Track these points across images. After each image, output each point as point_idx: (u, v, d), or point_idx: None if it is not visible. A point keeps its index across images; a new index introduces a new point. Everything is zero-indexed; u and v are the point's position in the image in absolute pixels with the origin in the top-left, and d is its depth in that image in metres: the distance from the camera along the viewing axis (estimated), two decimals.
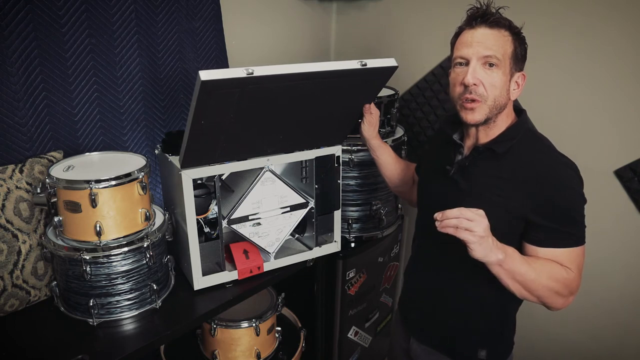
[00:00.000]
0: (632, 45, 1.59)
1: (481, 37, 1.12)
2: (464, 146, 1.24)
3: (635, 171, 1.68)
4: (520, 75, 1.17)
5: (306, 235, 1.61)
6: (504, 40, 1.12)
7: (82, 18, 1.43)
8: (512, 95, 1.16)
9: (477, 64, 1.12)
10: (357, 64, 1.21)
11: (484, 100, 1.13)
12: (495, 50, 1.11)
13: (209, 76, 1.01)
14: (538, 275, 1.09)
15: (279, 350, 1.73)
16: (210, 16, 1.77)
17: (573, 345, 1.96)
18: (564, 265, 1.12)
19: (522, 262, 1.08)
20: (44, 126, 1.43)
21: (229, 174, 1.42)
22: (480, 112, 1.14)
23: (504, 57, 1.12)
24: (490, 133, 1.19)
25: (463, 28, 1.17)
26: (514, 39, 1.13)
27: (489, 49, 1.11)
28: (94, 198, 1.17)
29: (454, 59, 1.18)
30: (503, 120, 1.18)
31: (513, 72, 1.15)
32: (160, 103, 1.70)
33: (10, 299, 1.26)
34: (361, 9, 2.32)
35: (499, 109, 1.15)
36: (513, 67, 1.14)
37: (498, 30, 1.12)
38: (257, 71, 1.06)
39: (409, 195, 1.59)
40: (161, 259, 1.35)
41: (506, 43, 1.12)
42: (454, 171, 1.22)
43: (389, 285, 2.19)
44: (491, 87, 1.12)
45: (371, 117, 1.45)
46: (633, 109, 1.64)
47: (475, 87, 1.12)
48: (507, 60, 1.12)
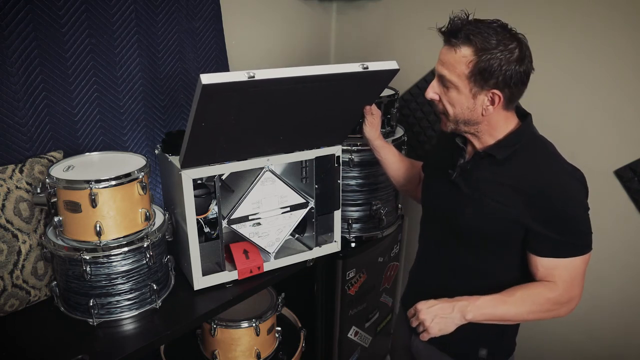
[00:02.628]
0: (632, 45, 1.59)
1: (442, 55, 1.11)
2: (466, 150, 1.23)
3: (635, 171, 1.68)
4: (490, 94, 1.09)
5: (306, 235, 1.60)
6: (461, 61, 1.07)
7: (82, 18, 1.43)
8: (486, 111, 1.11)
9: (436, 81, 1.15)
10: (359, 67, 1.19)
11: (445, 115, 1.17)
12: (450, 71, 1.09)
13: (210, 80, 1.00)
14: (519, 308, 1.12)
15: (279, 350, 1.73)
16: (210, 16, 1.77)
17: (573, 346, 1.96)
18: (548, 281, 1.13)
19: (495, 305, 1.12)
20: (44, 126, 1.43)
21: (229, 174, 1.42)
22: (447, 124, 1.19)
23: (460, 78, 1.09)
24: (485, 140, 1.18)
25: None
26: (478, 59, 1.05)
27: (444, 68, 1.11)
28: (94, 198, 1.17)
29: None
30: (502, 125, 1.15)
31: (478, 91, 1.09)
32: (160, 103, 1.70)
33: (10, 299, 1.26)
34: (361, 9, 2.32)
35: (468, 124, 1.15)
36: (475, 86, 1.08)
37: (456, 51, 1.07)
38: (258, 75, 1.05)
39: (415, 193, 1.57)
40: (161, 259, 1.35)
41: (462, 64, 1.07)
42: (456, 175, 1.22)
43: (389, 285, 2.19)
44: (448, 104, 1.14)
45: (372, 118, 1.45)
46: (633, 109, 1.64)
47: (435, 102, 1.17)
48: (463, 81, 1.09)
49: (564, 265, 1.11)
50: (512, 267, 1.20)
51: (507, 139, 1.16)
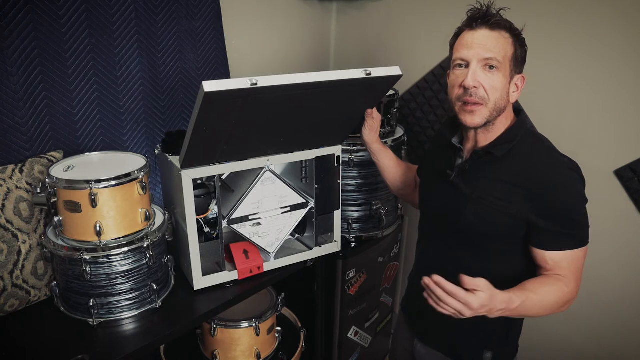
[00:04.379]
0: (632, 45, 1.59)
1: (482, 39, 1.10)
2: (464, 150, 1.23)
3: (635, 171, 1.67)
4: (520, 78, 1.15)
5: (306, 235, 1.60)
6: (505, 42, 1.10)
7: (82, 18, 1.43)
8: (512, 97, 1.15)
9: (478, 66, 1.10)
10: (362, 73, 1.18)
11: (485, 103, 1.12)
12: (496, 52, 1.09)
13: (213, 87, 0.99)
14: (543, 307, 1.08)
15: (279, 350, 1.73)
16: (210, 16, 1.77)
17: (573, 346, 1.96)
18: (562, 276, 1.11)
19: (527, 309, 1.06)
20: (44, 126, 1.43)
21: (229, 174, 1.42)
22: (480, 115, 1.13)
23: (505, 59, 1.10)
24: (489, 136, 1.18)
25: (463, 29, 1.15)
26: (515, 41, 1.12)
27: (490, 51, 1.09)
28: (94, 198, 1.17)
29: (453, 61, 1.16)
30: (502, 122, 1.17)
31: (513, 75, 1.13)
32: (160, 103, 1.70)
33: (10, 299, 1.26)
34: (361, 9, 2.32)
35: (499, 112, 1.14)
36: (513, 69, 1.12)
37: (499, 32, 1.10)
38: (261, 82, 1.04)
39: (411, 197, 1.58)
40: (161, 259, 1.35)
41: (507, 45, 1.10)
42: (455, 175, 1.22)
43: (389, 285, 2.19)
44: (492, 89, 1.11)
45: (373, 122, 1.44)
46: (633, 109, 1.64)
47: (475, 89, 1.10)
48: (507, 62, 1.11)
49: (570, 258, 1.11)
50: (514, 267, 1.19)
51: (505, 135, 1.16)
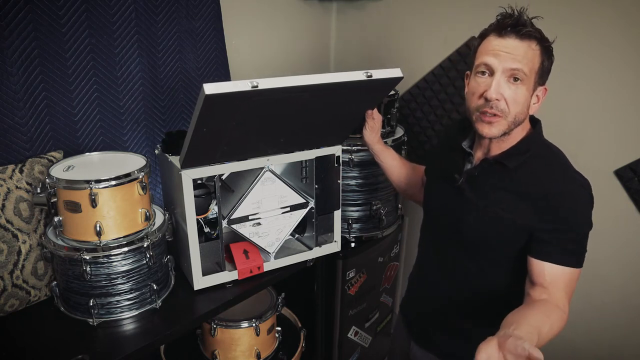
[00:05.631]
0: (632, 45, 1.59)
1: (510, 48, 1.03)
2: (474, 155, 1.19)
3: (635, 171, 1.67)
4: (542, 89, 1.10)
5: (306, 235, 1.60)
6: (533, 54, 1.04)
7: (82, 18, 1.43)
8: (532, 109, 1.10)
9: (502, 76, 1.04)
10: (363, 75, 1.16)
11: (504, 115, 1.06)
12: (524, 64, 1.03)
13: (213, 90, 0.98)
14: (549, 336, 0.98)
15: (279, 350, 1.73)
16: (210, 16, 1.77)
17: (573, 346, 1.96)
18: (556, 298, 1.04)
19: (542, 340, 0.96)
20: (44, 126, 1.43)
21: (229, 174, 1.42)
22: (498, 127, 1.08)
23: (531, 72, 1.04)
24: (502, 145, 1.13)
25: (489, 33, 1.08)
26: (543, 52, 1.05)
27: (517, 62, 1.03)
28: (94, 198, 1.17)
29: (476, 66, 1.09)
30: (518, 132, 1.12)
31: (536, 87, 1.08)
32: (160, 103, 1.70)
33: (10, 299, 1.26)
34: (361, 9, 2.32)
35: (517, 125, 1.09)
36: (537, 81, 1.07)
37: (528, 43, 1.03)
38: (261, 84, 1.03)
39: (418, 197, 1.52)
40: (161, 259, 1.35)
41: (535, 57, 1.04)
42: (462, 180, 1.18)
43: (389, 285, 2.19)
44: (513, 103, 1.05)
45: (373, 122, 1.43)
46: (633, 109, 1.64)
47: (497, 102, 1.05)
48: (533, 75, 1.05)
49: (568, 277, 1.07)
50: (515, 277, 1.15)
51: (519, 146, 1.12)
